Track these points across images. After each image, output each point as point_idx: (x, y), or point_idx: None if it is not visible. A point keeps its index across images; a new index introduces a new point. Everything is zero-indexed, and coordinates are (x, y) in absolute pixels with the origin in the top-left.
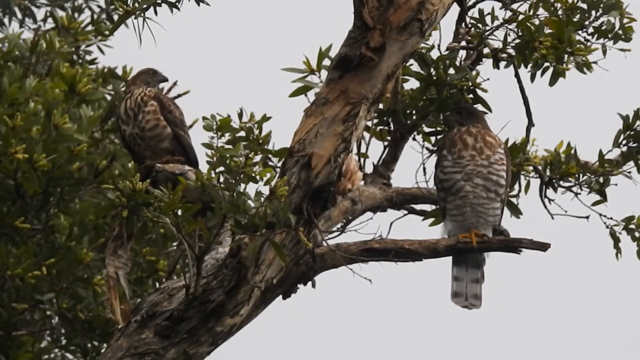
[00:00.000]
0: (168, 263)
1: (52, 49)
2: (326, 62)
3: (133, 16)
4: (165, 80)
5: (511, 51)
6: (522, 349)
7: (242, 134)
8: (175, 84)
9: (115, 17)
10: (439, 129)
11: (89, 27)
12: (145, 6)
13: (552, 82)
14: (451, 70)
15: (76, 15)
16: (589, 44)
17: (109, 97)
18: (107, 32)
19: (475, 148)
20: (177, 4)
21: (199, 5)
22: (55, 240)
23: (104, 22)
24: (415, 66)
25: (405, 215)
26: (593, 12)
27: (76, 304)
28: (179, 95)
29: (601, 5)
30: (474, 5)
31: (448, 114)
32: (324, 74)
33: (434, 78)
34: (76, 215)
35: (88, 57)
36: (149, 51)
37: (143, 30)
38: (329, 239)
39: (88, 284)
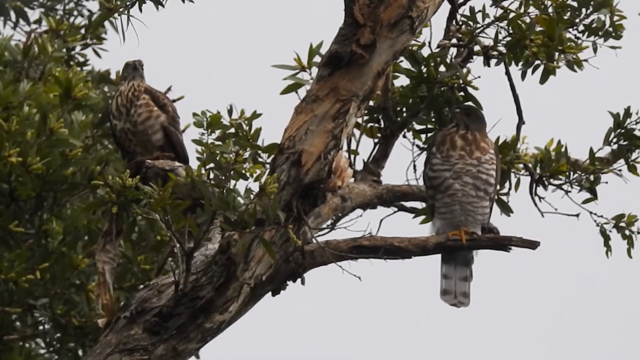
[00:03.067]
0: (158, 260)
1: (45, 53)
2: (317, 59)
3: (116, 14)
4: (134, 64)
5: (502, 49)
6: (511, 347)
7: (232, 130)
8: (169, 89)
9: (107, 23)
10: (429, 126)
11: (83, 31)
12: (128, 3)
13: (543, 80)
14: (442, 68)
15: (67, 17)
16: (579, 41)
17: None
18: (102, 35)
19: (464, 149)
20: (161, 1)
21: (183, 2)
22: (48, 245)
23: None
24: (405, 63)
25: (395, 212)
26: (583, 10)
27: (70, 310)
28: (174, 101)
29: (591, 3)
30: (464, 3)
31: (457, 110)
32: (315, 71)
33: (425, 75)
34: (69, 220)
35: (81, 59)
36: (143, 51)
37: (127, 28)
38: (319, 236)
39: (82, 290)
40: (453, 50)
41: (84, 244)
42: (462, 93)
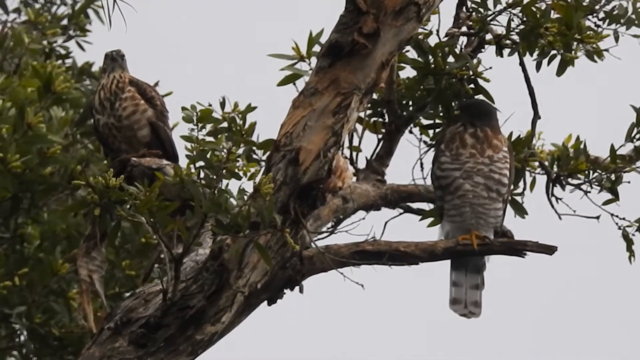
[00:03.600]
0: (144, 266)
1: (21, 45)
2: (317, 48)
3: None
4: (112, 54)
5: (515, 38)
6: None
7: (225, 125)
8: (157, 84)
9: (91, 14)
10: (437, 121)
11: (65, 21)
12: None
13: (560, 71)
14: (450, 58)
15: (48, 6)
16: (599, 30)
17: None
18: (86, 27)
19: (475, 147)
20: None
21: None
22: (24, 250)
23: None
24: (411, 53)
25: (400, 214)
26: None
27: (49, 319)
28: (162, 97)
29: None
30: None
31: (458, 112)
32: (315, 61)
33: (432, 66)
34: (46, 225)
35: (63, 52)
36: (130, 41)
37: (113, 12)
38: (318, 240)
39: (63, 297)
40: (463, 40)
41: (62, 249)
42: (472, 85)
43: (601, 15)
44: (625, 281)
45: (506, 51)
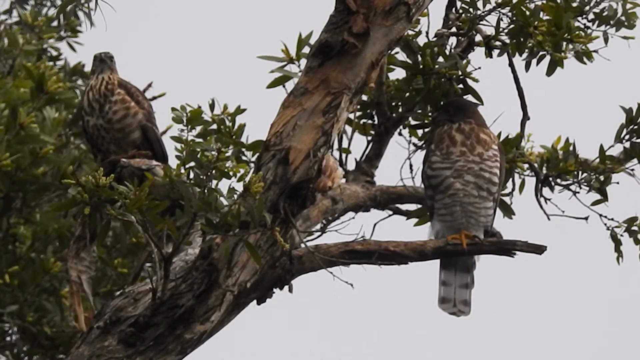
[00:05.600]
0: (134, 265)
1: (16, 46)
2: (306, 50)
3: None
4: (101, 56)
5: (505, 38)
6: (515, 358)
7: (214, 127)
8: (149, 85)
9: (80, 14)
10: (426, 122)
11: (55, 23)
12: None
13: (549, 71)
14: (440, 59)
15: (38, 7)
16: (589, 31)
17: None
18: (77, 28)
19: (465, 145)
20: None
21: None
22: (16, 250)
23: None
24: (400, 56)
25: (389, 216)
26: None
27: (41, 318)
28: (154, 98)
29: None
30: None
31: (436, 114)
32: (304, 62)
33: (421, 67)
34: (38, 225)
35: (54, 53)
36: (120, 42)
37: (95, 12)
38: (308, 240)
39: (55, 295)
40: (452, 40)
41: (54, 249)
42: (461, 85)
43: (591, 16)
44: (613, 282)
45: (495, 51)
